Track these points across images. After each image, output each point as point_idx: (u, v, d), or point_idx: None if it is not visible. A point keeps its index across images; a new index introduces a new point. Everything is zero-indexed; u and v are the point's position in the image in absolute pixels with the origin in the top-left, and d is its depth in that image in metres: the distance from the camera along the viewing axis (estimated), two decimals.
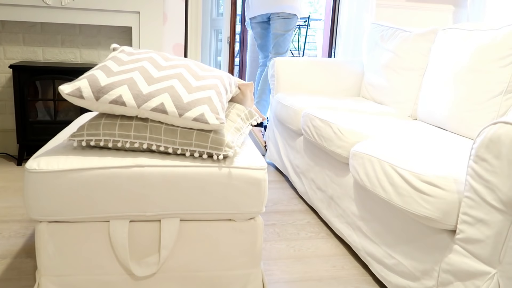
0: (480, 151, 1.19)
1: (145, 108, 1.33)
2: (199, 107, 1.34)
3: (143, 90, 1.35)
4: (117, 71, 1.41)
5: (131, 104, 1.33)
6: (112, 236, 1.37)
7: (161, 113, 1.33)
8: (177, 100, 1.34)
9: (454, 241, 1.30)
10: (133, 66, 1.43)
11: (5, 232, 1.95)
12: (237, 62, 4.96)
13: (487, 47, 1.93)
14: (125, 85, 1.36)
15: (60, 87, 1.35)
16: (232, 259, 1.46)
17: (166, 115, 1.33)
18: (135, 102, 1.33)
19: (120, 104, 1.33)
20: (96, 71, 1.40)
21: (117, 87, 1.35)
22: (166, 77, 1.41)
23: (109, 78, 1.37)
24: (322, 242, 2.01)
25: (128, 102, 1.33)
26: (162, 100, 1.33)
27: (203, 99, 1.36)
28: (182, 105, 1.34)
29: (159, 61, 1.49)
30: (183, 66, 1.49)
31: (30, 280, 1.61)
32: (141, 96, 1.34)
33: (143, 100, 1.34)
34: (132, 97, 1.33)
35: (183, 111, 1.33)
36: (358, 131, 1.92)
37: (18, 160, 2.82)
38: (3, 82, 2.93)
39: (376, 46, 2.82)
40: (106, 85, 1.35)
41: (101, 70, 1.40)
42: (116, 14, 2.86)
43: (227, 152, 1.36)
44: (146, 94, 1.34)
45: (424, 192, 1.35)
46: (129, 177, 1.33)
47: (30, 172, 1.31)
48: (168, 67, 1.47)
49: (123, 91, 1.34)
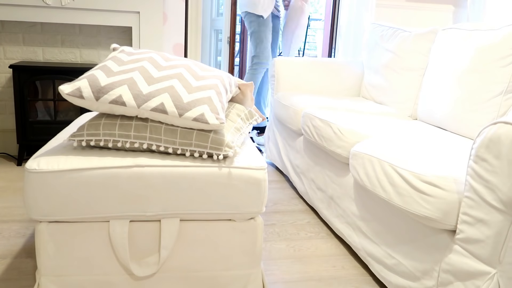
0: (480, 151, 1.19)
1: (145, 108, 1.33)
2: (199, 107, 1.34)
3: (143, 90, 1.35)
4: (117, 71, 1.41)
5: (131, 104, 1.33)
6: (112, 236, 1.37)
7: (161, 113, 1.33)
8: (177, 100, 1.34)
9: (454, 241, 1.30)
10: (133, 66, 1.43)
11: (5, 232, 1.95)
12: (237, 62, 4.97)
13: (487, 47, 1.93)
14: (125, 85, 1.36)
15: (60, 87, 1.35)
16: (232, 259, 1.46)
17: (166, 115, 1.33)
18: (135, 102, 1.33)
19: (120, 104, 1.33)
20: (96, 71, 1.39)
21: (117, 87, 1.35)
22: (166, 77, 1.41)
23: (109, 78, 1.37)
24: (322, 242, 2.01)
25: (128, 102, 1.33)
26: (162, 100, 1.33)
27: (203, 99, 1.36)
28: (182, 105, 1.34)
29: (159, 61, 1.49)
30: (183, 66, 1.49)
31: (30, 280, 1.61)
32: (141, 96, 1.34)
33: (143, 100, 1.34)
34: (132, 97, 1.34)
35: (183, 111, 1.33)
36: (358, 131, 1.92)
37: (18, 160, 2.82)
38: (3, 82, 2.93)
39: (376, 46, 2.82)
40: (106, 85, 1.35)
41: (101, 70, 1.40)
42: (116, 14, 2.86)
43: (227, 152, 1.36)
44: (146, 94, 1.34)
45: (424, 192, 1.35)
46: (129, 177, 1.33)
47: (30, 172, 1.31)
48: (168, 67, 1.47)
49: (123, 91, 1.34)
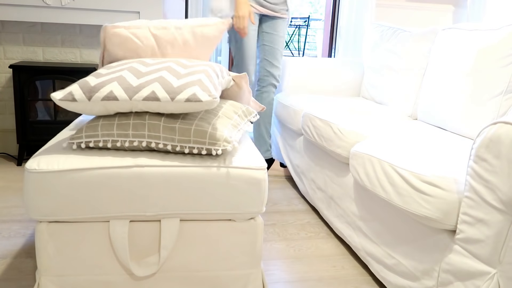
0: (480, 151, 1.19)
1: (137, 99, 1.34)
2: (190, 88, 1.34)
3: (133, 83, 1.37)
4: (106, 73, 1.44)
5: (123, 97, 1.34)
6: (112, 236, 1.37)
7: (154, 101, 1.34)
8: (167, 86, 1.35)
9: (454, 241, 1.30)
10: (122, 67, 1.46)
11: (5, 232, 1.95)
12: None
13: (487, 47, 1.93)
14: (115, 81, 1.38)
15: (52, 94, 1.37)
16: (232, 259, 1.46)
17: (159, 102, 1.33)
18: (126, 95, 1.34)
19: (112, 99, 1.34)
20: (86, 77, 1.44)
21: (107, 84, 1.37)
22: (155, 70, 1.43)
23: (98, 79, 1.40)
24: (322, 242, 2.01)
25: (120, 96, 1.34)
26: (152, 89, 1.34)
27: (193, 81, 1.37)
28: (173, 89, 1.34)
29: (147, 61, 1.52)
30: (171, 61, 1.51)
31: (30, 280, 1.61)
32: (132, 88, 1.36)
33: (134, 92, 1.35)
34: (123, 91, 1.35)
35: (175, 94, 1.33)
36: (358, 131, 1.92)
37: (18, 160, 2.82)
38: (3, 82, 2.93)
39: (376, 46, 2.82)
40: (96, 85, 1.37)
41: (91, 76, 1.44)
42: (116, 14, 2.86)
43: (225, 147, 1.36)
44: (137, 86, 1.36)
45: (424, 192, 1.35)
46: (129, 177, 1.33)
47: (30, 172, 1.31)
48: (156, 63, 1.49)
49: (113, 87, 1.36)
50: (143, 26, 1.60)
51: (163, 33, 1.61)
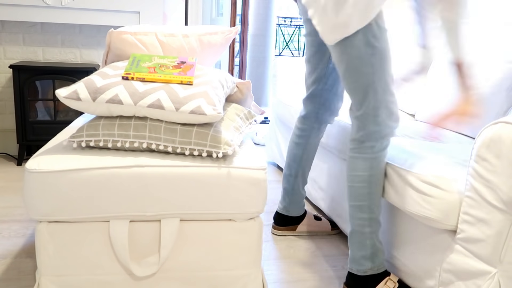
0: (481, 150, 1.19)
1: (141, 105, 1.34)
2: (196, 100, 1.35)
3: (139, 89, 1.37)
4: (113, 74, 1.43)
5: (127, 102, 1.34)
6: (112, 236, 1.37)
7: (158, 109, 1.34)
8: (173, 95, 1.35)
9: (455, 241, 1.30)
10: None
11: (5, 232, 1.95)
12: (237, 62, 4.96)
13: (489, 46, 1.93)
14: (121, 85, 1.38)
15: (57, 91, 1.37)
16: (232, 259, 1.46)
17: (163, 110, 1.34)
18: (131, 100, 1.34)
19: (117, 102, 1.34)
20: (92, 76, 1.43)
21: (113, 87, 1.37)
22: None
23: (105, 80, 1.40)
24: (322, 242, 2.01)
25: (124, 100, 1.34)
26: (158, 96, 1.34)
27: (199, 93, 1.37)
28: (178, 99, 1.34)
29: None
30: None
31: (30, 280, 1.61)
32: (137, 94, 1.36)
33: (139, 97, 1.35)
34: (128, 95, 1.35)
35: (180, 105, 1.33)
36: None
37: (18, 160, 2.82)
38: (3, 82, 2.93)
39: None
40: (102, 86, 1.37)
41: (97, 75, 1.43)
42: (116, 14, 2.85)
43: (226, 150, 1.36)
44: (142, 92, 1.36)
45: (425, 192, 1.34)
46: (129, 177, 1.33)
47: (30, 172, 1.31)
48: None
49: (119, 90, 1.36)
50: (150, 32, 1.59)
51: (170, 40, 1.59)
